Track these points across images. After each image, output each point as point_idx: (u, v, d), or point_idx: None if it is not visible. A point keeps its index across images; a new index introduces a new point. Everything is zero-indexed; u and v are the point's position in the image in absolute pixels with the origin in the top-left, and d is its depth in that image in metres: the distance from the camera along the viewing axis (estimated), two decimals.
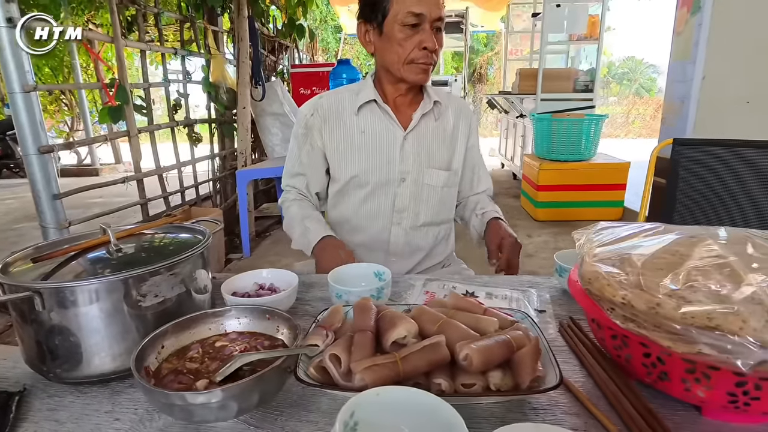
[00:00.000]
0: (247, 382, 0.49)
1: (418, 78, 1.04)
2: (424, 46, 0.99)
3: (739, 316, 0.43)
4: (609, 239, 0.61)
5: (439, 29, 1.02)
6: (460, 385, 0.56)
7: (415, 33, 0.99)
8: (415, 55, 1.01)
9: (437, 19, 0.99)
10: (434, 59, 1.03)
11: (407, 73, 1.04)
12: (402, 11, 0.98)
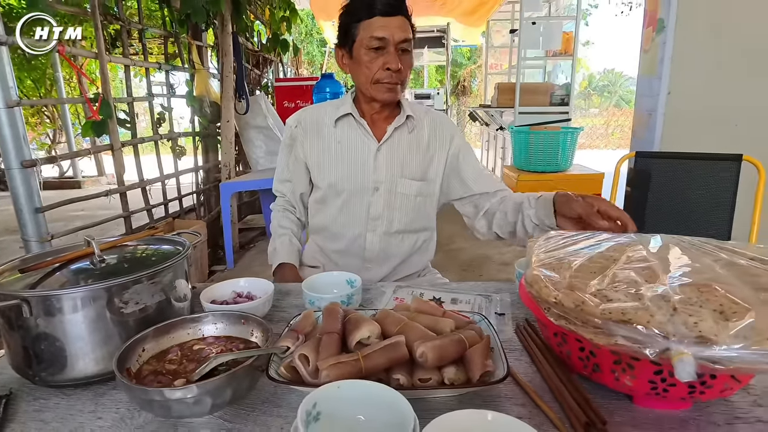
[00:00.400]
0: (221, 379, 0.54)
1: (386, 96, 1.11)
2: (387, 67, 1.07)
3: (648, 311, 0.50)
4: (554, 246, 0.68)
5: (405, 50, 1.08)
6: (417, 380, 0.61)
7: (380, 55, 1.07)
8: (380, 76, 1.08)
9: (401, 41, 1.06)
10: (400, 78, 1.09)
11: (375, 92, 1.11)
12: (366, 36, 1.06)
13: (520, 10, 4.14)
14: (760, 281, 0.56)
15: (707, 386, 0.54)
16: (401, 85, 1.11)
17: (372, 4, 1.05)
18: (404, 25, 1.07)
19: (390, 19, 1.05)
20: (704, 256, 0.63)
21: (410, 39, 1.08)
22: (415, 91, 6.97)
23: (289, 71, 5.74)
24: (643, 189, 1.79)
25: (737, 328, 0.47)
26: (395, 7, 1.05)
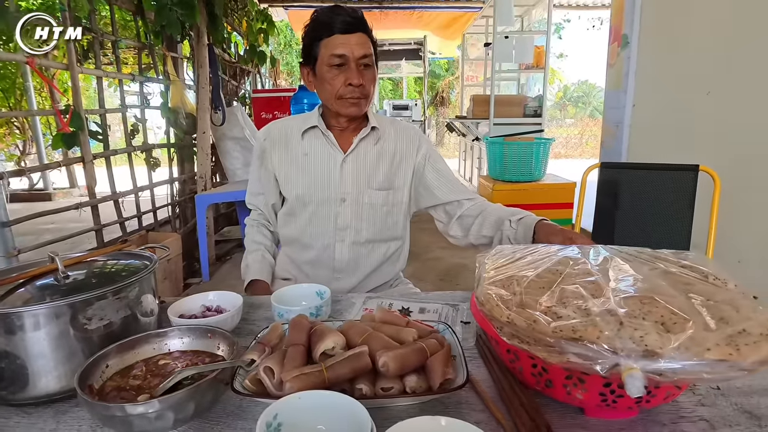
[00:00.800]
0: (183, 393, 0.55)
1: (350, 111, 1.15)
2: (349, 83, 1.10)
3: (597, 326, 0.52)
4: (503, 262, 0.71)
5: (366, 65, 1.11)
6: (379, 389, 0.63)
7: (341, 72, 1.10)
8: (343, 91, 1.11)
9: (361, 57, 1.09)
10: (362, 93, 1.12)
11: (339, 107, 1.15)
12: (327, 54, 1.09)
13: (494, 25, 4.25)
14: (693, 289, 0.60)
15: (652, 395, 0.58)
16: (365, 99, 1.14)
17: (331, 23, 1.08)
18: (364, 41, 1.10)
19: (349, 36, 1.08)
20: (642, 266, 0.67)
21: (370, 54, 1.11)
22: (393, 102, 7.05)
23: (268, 82, 5.74)
24: (611, 198, 1.85)
25: (679, 341, 0.49)
26: (354, 24, 1.08)
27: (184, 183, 3.45)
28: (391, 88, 14.10)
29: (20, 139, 6.87)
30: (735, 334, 0.51)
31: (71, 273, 0.75)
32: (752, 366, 0.48)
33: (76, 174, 7.17)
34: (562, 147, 13.99)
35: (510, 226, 1.10)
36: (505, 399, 0.64)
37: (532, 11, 4.90)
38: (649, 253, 0.72)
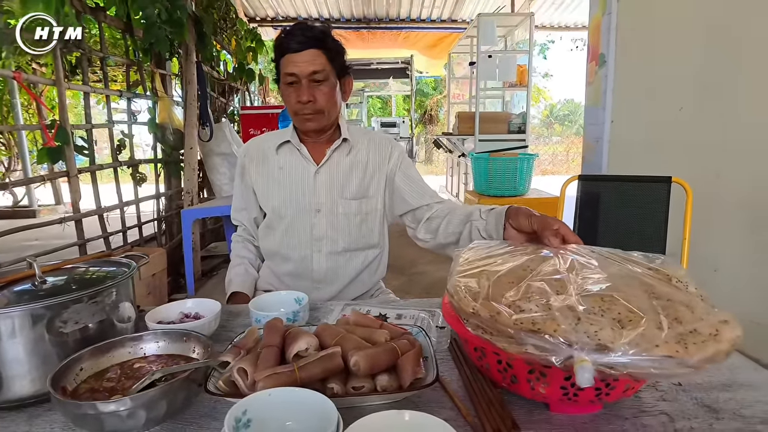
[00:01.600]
0: (155, 392, 0.56)
1: (306, 126, 1.19)
2: (298, 100, 1.14)
3: (555, 320, 0.55)
4: (477, 257, 0.73)
5: (318, 81, 1.14)
6: (351, 388, 0.65)
7: (294, 90, 1.15)
8: (296, 108, 1.16)
9: (310, 74, 1.13)
10: (314, 108, 1.15)
11: (297, 122, 1.21)
12: (282, 73, 1.15)
13: (477, 44, 4.37)
14: (654, 290, 0.63)
15: (611, 388, 0.60)
16: (320, 114, 1.17)
17: (282, 44, 1.14)
18: (315, 58, 1.12)
19: (299, 55, 1.12)
20: (611, 266, 0.70)
21: (322, 70, 1.13)
22: (381, 119, 7.16)
23: (257, 100, 5.80)
24: (593, 210, 1.90)
25: (630, 337, 0.52)
26: (303, 43, 1.11)
27: (170, 198, 3.45)
28: (380, 106, 14.30)
29: (5, 155, 6.81)
30: (685, 333, 0.53)
31: (49, 279, 0.76)
32: (698, 363, 0.50)
33: (61, 191, 7.10)
34: (549, 164, 14.23)
35: (480, 217, 1.05)
36: (473, 397, 0.66)
37: (515, 32, 5.05)
38: (620, 254, 0.75)
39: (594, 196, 1.90)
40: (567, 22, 7.12)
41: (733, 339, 0.53)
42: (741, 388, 0.70)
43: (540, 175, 11.69)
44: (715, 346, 0.51)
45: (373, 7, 6.35)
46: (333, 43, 1.17)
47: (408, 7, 6.35)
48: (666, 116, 2.40)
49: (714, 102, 2.11)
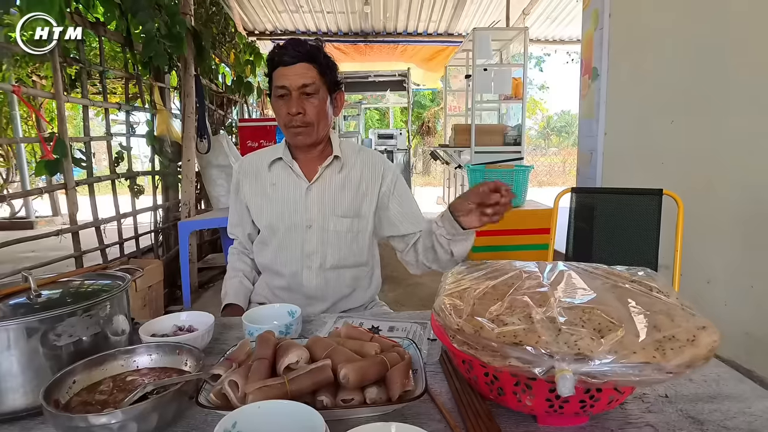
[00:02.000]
0: (146, 405, 0.57)
1: (297, 140, 1.21)
2: (288, 112, 1.16)
3: (536, 332, 0.56)
4: (463, 275, 0.75)
5: (308, 94, 1.16)
6: (340, 400, 0.65)
7: (285, 102, 1.17)
8: (286, 120, 1.17)
9: (301, 87, 1.15)
10: (304, 121, 1.17)
11: (288, 136, 1.22)
12: (274, 86, 1.18)
13: (473, 58, 4.43)
14: (635, 301, 0.64)
15: (595, 400, 0.61)
16: (310, 127, 1.18)
17: (274, 58, 1.16)
18: (305, 71, 1.14)
19: (290, 68, 1.14)
20: (595, 280, 0.71)
21: (313, 83, 1.15)
22: (378, 131, 7.21)
23: (255, 112, 5.84)
24: (587, 222, 1.92)
25: (609, 344, 0.54)
26: (294, 56, 1.14)
27: (167, 210, 3.46)
28: (378, 117, 14.40)
29: (4, 167, 6.83)
30: (663, 339, 0.55)
31: (44, 292, 0.77)
32: (676, 369, 0.52)
33: (59, 202, 7.10)
34: (546, 175, 14.30)
35: (438, 225, 1.09)
36: (461, 409, 0.67)
37: (510, 45, 5.12)
38: (604, 269, 0.77)
39: (587, 208, 1.92)
40: (561, 36, 7.22)
41: (710, 344, 0.54)
42: (726, 400, 0.71)
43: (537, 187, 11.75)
44: (693, 352, 0.52)
45: (371, 22, 6.44)
46: (325, 58, 1.19)
47: (405, 21, 6.44)
48: (658, 129, 2.43)
49: (704, 115, 2.15)
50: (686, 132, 2.26)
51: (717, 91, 2.09)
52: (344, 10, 6.08)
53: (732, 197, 2.03)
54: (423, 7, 5.95)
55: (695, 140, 2.20)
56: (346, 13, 6.19)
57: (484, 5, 6.02)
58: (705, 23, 2.16)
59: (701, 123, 2.17)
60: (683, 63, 2.29)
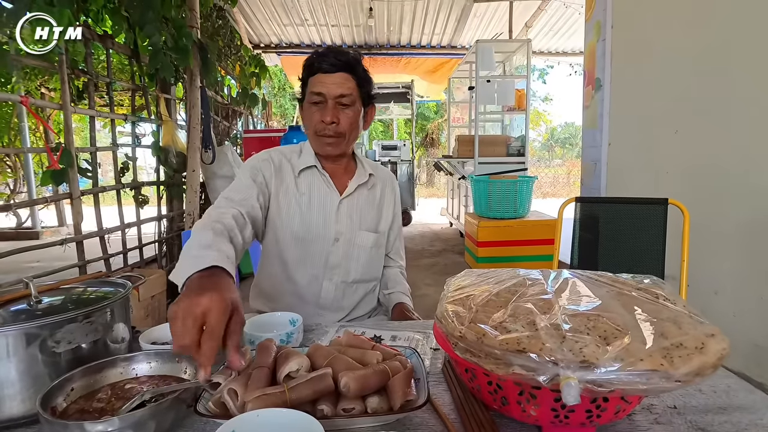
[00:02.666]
0: (143, 412, 0.56)
1: (325, 150, 1.19)
2: (321, 120, 1.15)
3: (540, 339, 0.55)
4: (466, 283, 0.74)
5: (344, 105, 1.15)
6: (341, 409, 0.64)
7: (318, 109, 1.15)
8: (318, 127, 1.16)
9: (338, 96, 1.14)
10: (336, 131, 1.16)
11: (316, 144, 1.20)
12: (309, 92, 1.16)
13: (476, 70, 4.46)
14: (641, 308, 0.63)
15: (602, 409, 0.59)
16: (341, 137, 1.17)
17: (313, 64, 1.15)
18: (344, 81, 1.14)
19: (330, 76, 1.13)
20: (600, 288, 0.70)
21: (350, 94, 1.14)
22: (382, 142, 7.25)
23: (260, 124, 5.89)
24: (592, 232, 1.91)
25: (615, 351, 0.52)
26: (335, 65, 1.13)
27: (172, 220, 3.47)
28: (382, 129, 14.48)
29: (11, 177, 6.89)
30: (671, 347, 0.53)
31: (45, 298, 0.76)
32: (685, 377, 0.50)
33: (65, 213, 7.15)
34: (550, 186, 14.28)
35: (382, 294, 1.36)
36: (464, 419, 0.65)
37: (513, 57, 5.16)
38: (609, 276, 0.76)
39: (592, 218, 1.91)
40: (564, 48, 7.27)
41: (719, 352, 0.52)
42: (736, 411, 0.69)
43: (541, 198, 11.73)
44: (701, 359, 0.51)
45: (375, 34, 6.52)
46: (363, 71, 1.18)
47: (408, 34, 6.52)
48: (662, 138, 2.43)
49: (709, 124, 2.14)
50: (691, 141, 2.25)
51: (721, 100, 2.09)
52: (348, 23, 6.16)
53: (738, 206, 2.02)
54: (426, 20, 6.03)
55: (700, 149, 2.19)
56: (351, 26, 6.27)
57: (487, 18, 6.08)
58: (707, 32, 2.17)
59: (706, 132, 2.16)
60: (686, 72, 2.29)
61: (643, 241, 1.75)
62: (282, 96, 12.74)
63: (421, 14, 5.83)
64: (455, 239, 5.75)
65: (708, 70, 2.14)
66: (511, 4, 5.28)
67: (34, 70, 4.48)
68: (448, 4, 5.45)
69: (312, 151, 1.24)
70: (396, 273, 1.39)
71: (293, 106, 12.40)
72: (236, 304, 0.64)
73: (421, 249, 5.19)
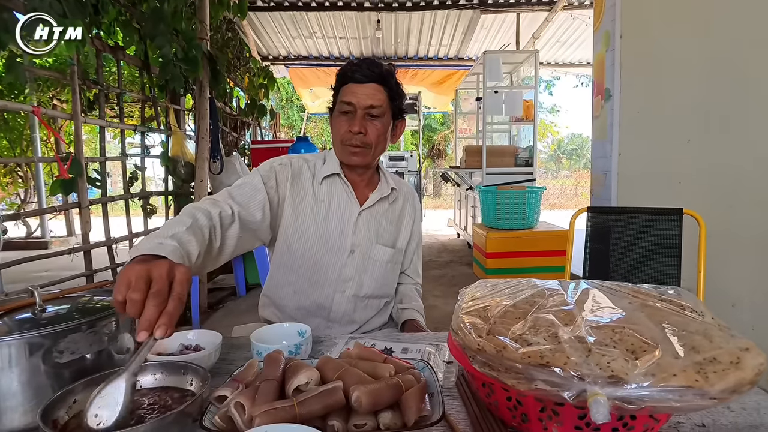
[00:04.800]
0: (145, 427, 0.53)
1: (351, 159, 1.16)
2: (349, 129, 1.13)
3: (565, 353, 0.52)
4: (482, 294, 0.71)
5: (373, 116, 1.13)
6: (352, 425, 0.61)
7: (347, 119, 1.14)
8: (345, 137, 1.14)
9: (368, 107, 1.12)
10: (363, 141, 1.14)
11: (341, 154, 1.17)
12: (340, 101, 1.15)
13: (484, 81, 4.46)
14: (668, 320, 0.60)
15: (629, 428, 0.56)
16: (367, 148, 1.15)
17: (348, 73, 1.14)
18: (375, 93, 1.12)
19: (361, 86, 1.12)
20: (622, 299, 0.67)
21: (380, 106, 1.13)
22: (390, 153, 7.26)
23: (268, 135, 5.93)
24: (604, 243, 1.87)
25: (646, 366, 0.49)
26: (368, 76, 1.12)
27: None
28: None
29: (22, 187, 6.97)
30: (704, 361, 0.50)
31: (49, 307, 0.75)
32: (721, 394, 0.47)
33: (74, 223, 7.20)
34: (558, 198, 14.20)
35: (396, 310, 1.33)
36: None
37: (520, 68, 5.16)
38: (629, 287, 0.73)
39: (604, 229, 1.87)
40: (571, 60, 7.27)
41: (756, 367, 0.49)
42: None
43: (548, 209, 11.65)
44: (738, 375, 0.48)
45: (382, 47, 6.57)
46: (396, 84, 1.17)
47: (416, 46, 6.56)
48: (674, 148, 2.39)
49: (722, 134, 2.11)
50: (704, 150, 2.21)
51: (734, 108, 2.05)
52: (356, 35, 6.22)
53: (755, 216, 1.97)
54: (434, 32, 6.06)
55: (714, 158, 2.16)
56: (358, 38, 6.33)
57: (494, 29, 6.11)
58: (717, 40, 2.15)
59: (719, 140, 2.12)
60: (697, 81, 2.26)
61: (657, 252, 1.71)
62: (290, 107, 12.85)
63: (428, 26, 5.86)
64: (463, 250, 5.70)
65: (719, 78, 2.12)
66: (518, 15, 5.30)
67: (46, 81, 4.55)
68: (456, 16, 5.49)
69: (336, 160, 1.21)
70: (411, 289, 1.37)
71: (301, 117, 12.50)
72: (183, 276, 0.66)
73: (428, 260, 5.15)
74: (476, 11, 5.17)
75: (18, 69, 2.03)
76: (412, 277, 1.38)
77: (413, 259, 1.37)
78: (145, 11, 2.71)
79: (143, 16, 2.71)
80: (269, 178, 1.15)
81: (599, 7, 3.00)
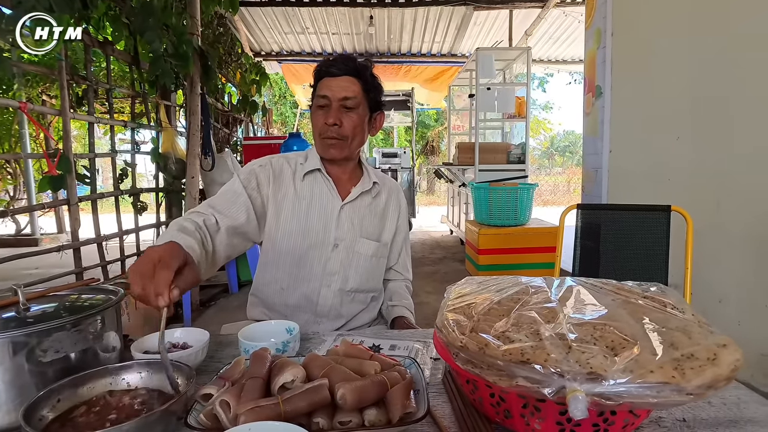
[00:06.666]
0: (130, 426, 0.53)
1: (328, 152, 1.18)
2: (325, 122, 1.14)
3: (545, 350, 0.53)
4: (467, 291, 0.71)
5: (348, 108, 1.15)
6: (337, 423, 0.62)
7: (323, 112, 1.15)
8: (322, 129, 1.16)
9: (342, 99, 1.14)
10: (340, 133, 1.15)
11: (320, 147, 1.19)
12: (316, 95, 1.17)
13: (476, 77, 4.47)
14: (649, 317, 0.61)
15: (609, 423, 0.57)
16: (344, 140, 1.16)
17: (321, 70, 1.16)
18: (349, 85, 1.14)
19: (335, 80, 1.14)
20: (605, 296, 0.68)
21: (354, 97, 1.15)
22: (383, 150, 7.26)
23: (260, 131, 5.90)
24: (594, 239, 1.88)
25: (624, 363, 0.50)
26: (342, 69, 1.14)
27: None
28: (383, 137, 14.50)
29: (11, 184, 6.89)
30: (681, 358, 0.51)
31: (34, 306, 0.74)
32: (697, 390, 0.48)
33: (64, 219, 7.13)
34: (551, 194, 14.28)
35: (386, 305, 1.34)
36: (463, 428, 0.63)
37: (513, 65, 5.17)
38: (613, 284, 0.73)
39: (594, 226, 1.89)
40: (564, 57, 7.30)
41: (732, 363, 0.50)
42: (748, 424, 0.66)
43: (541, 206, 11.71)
44: (714, 371, 0.49)
45: (375, 43, 6.55)
46: (371, 77, 1.19)
47: (409, 42, 6.55)
48: (664, 145, 2.41)
49: (711, 132, 2.13)
50: (693, 148, 2.24)
51: (723, 106, 2.08)
52: (349, 31, 6.19)
53: (742, 213, 2.00)
54: (426, 28, 6.05)
55: (702, 156, 2.18)
56: (351, 34, 6.30)
57: (487, 26, 6.11)
58: (708, 38, 2.17)
59: (708, 138, 2.15)
60: (687, 79, 2.28)
61: (646, 248, 1.73)
62: (282, 104, 12.80)
63: (421, 22, 5.85)
64: (456, 247, 5.72)
65: (709, 76, 2.14)
66: (510, 12, 5.31)
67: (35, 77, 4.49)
68: (448, 12, 5.48)
69: (317, 156, 1.23)
70: (401, 286, 1.37)
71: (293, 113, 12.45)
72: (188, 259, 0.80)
73: (421, 257, 5.16)
74: (469, 7, 5.17)
75: (5, 63, 2.00)
76: (401, 273, 1.38)
77: (401, 254, 1.37)
78: (135, 6, 2.68)
79: (133, 10, 2.68)
80: (249, 180, 1.17)
81: (591, 5, 3.01)
